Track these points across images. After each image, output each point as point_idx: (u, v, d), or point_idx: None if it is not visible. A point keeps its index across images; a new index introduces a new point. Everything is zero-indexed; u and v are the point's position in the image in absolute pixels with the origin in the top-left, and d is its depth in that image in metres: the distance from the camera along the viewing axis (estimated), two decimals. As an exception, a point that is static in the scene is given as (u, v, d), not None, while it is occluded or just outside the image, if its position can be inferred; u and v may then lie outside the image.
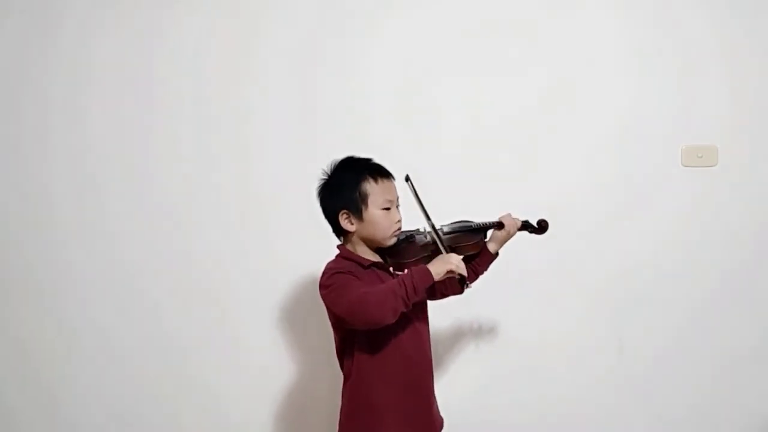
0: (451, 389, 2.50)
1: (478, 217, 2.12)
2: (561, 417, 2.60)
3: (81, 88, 2.67)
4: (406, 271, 1.93)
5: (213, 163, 2.64)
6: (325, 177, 2.01)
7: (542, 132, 2.58)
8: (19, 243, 2.71)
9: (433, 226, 1.95)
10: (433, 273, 1.83)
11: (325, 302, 1.93)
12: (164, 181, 2.65)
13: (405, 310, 1.82)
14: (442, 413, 2.09)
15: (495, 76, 2.57)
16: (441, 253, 1.93)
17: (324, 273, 1.95)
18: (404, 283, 1.80)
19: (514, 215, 2.13)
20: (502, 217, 2.11)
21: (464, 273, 1.86)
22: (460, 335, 2.60)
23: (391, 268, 2.01)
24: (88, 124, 2.67)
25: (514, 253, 2.18)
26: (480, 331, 2.60)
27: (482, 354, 2.60)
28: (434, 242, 1.95)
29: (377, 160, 2.01)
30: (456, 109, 2.58)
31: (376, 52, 2.59)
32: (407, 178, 1.96)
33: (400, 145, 2.34)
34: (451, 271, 1.85)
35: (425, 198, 1.96)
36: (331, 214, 1.99)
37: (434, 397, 2.07)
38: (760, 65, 2.52)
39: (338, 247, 2.02)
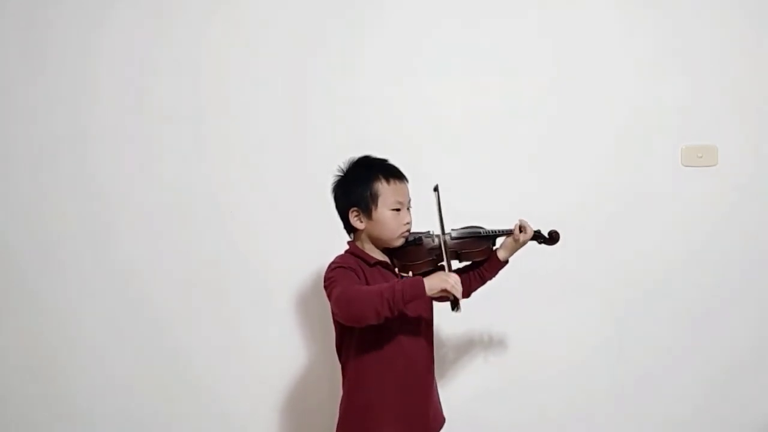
0: (454, 390, 2.50)
1: (487, 222, 2.12)
2: (563, 421, 2.59)
3: (79, 89, 2.65)
4: (410, 274, 1.95)
5: (214, 164, 2.62)
6: (340, 173, 2.03)
7: (541, 133, 2.57)
8: (20, 244, 2.69)
9: (444, 242, 1.96)
10: (426, 287, 1.79)
11: (326, 294, 1.93)
12: (165, 181, 2.63)
13: (390, 316, 1.80)
14: (446, 413, 2.10)
15: (495, 78, 2.57)
16: (443, 260, 1.94)
17: (328, 267, 1.96)
18: (394, 289, 1.78)
19: (527, 223, 2.10)
20: (516, 225, 2.09)
21: (458, 296, 1.80)
22: (463, 338, 2.59)
23: (396, 269, 2.01)
24: (87, 126, 2.65)
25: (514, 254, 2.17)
26: (483, 334, 2.59)
27: (486, 356, 2.59)
28: (440, 248, 1.95)
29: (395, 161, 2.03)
30: (456, 110, 2.58)
31: (375, 51, 2.59)
32: (435, 188, 1.98)
33: (399, 148, 2.32)
34: (445, 290, 1.80)
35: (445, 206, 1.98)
36: (342, 211, 2.01)
37: (435, 397, 2.07)
38: (760, 65, 2.53)
39: (348, 243, 2.04)
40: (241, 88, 2.61)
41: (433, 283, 1.80)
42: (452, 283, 1.80)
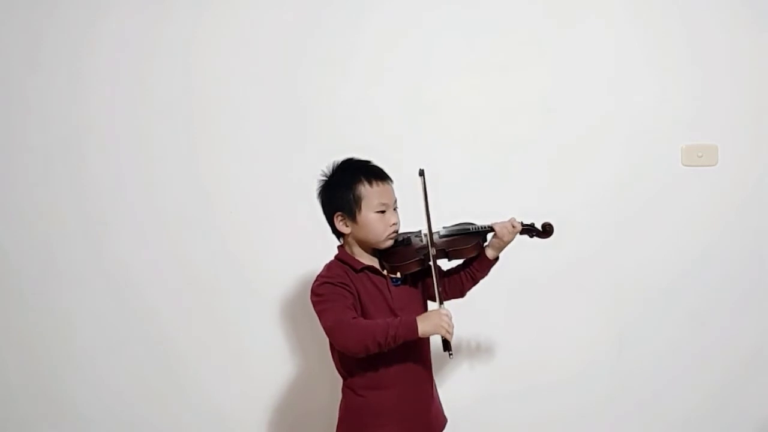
0: (452, 395, 2.49)
1: (478, 220, 2.10)
2: (563, 425, 2.59)
3: (72, 90, 2.64)
4: (398, 275, 1.97)
5: (207, 166, 2.62)
6: (324, 177, 2.01)
7: (540, 132, 2.56)
8: (13, 245, 2.69)
9: (429, 228, 1.95)
10: (420, 331, 1.84)
11: (314, 309, 1.95)
12: (159, 184, 2.63)
13: (377, 352, 1.85)
14: (447, 415, 2.10)
15: (494, 77, 2.56)
16: (430, 260, 1.94)
17: (316, 279, 1.97)
18: (387, 331, 1.82)
19: (517, 219, 2.06)
20: (495, 223, 2.05)
21: (450, 339, 1.87)
22: (460, 340, 2.57)
23: (385, 271, 2.00)
24: (79, 127, 2.65)
25: (513, 254, 2.15)
26: (480, 336, 2.59)
27: (484, 360, 2.59)
28: (428, 247, 1.95)
29: (376, 162, 2.01)
30: (455, 111, 2.57)
31: (371, 51, 2.57)
32: (421, 173, 1.96)
33: (396, 149, 2.32)
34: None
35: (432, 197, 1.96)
36: (328, 216, 2.00)
37: (435, 397, 2.07)
38: (760, 64, 2.52)
39: (338, 248, 2.04)
40: (232, 90, 2.59)
41: (427, 327, 1.85)
42: (446, 328, 1.85)
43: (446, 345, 1.88)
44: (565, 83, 2.56)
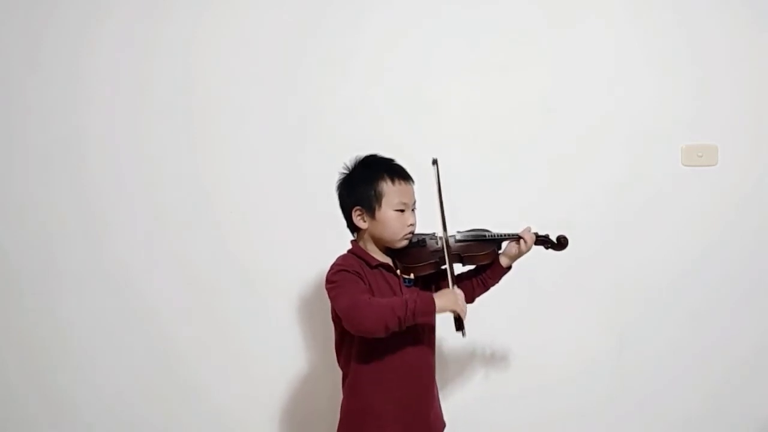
0: (454, 396, 2.50)
1: (479, 220, 2.11)
2: (563, 426, 2.59)
3: (72, 90, 2.64)
4: (411, 276, 1.96)
5: (210, 165, 2.61)
6: (346, 171, 2.01)
7: (541, 133, 2.56)
8: (13, 246, 2.68)
9: (443, 216, 1.96)
10: (437, 306, 1.85)
11: (328, 296, 1.94)
12: (161, 183, 2.63)
13: (397, 330, 1.83)
14: (446, 419, 2.09)
15: (493, 78, 2.56)
16: (445, 263, 1.94)
17: (331, 268, 1.96)
18: (407, 305, 1.82)
19: (533, 229, 2.08)
20: (522, 231, 2.06)
21: (463, 317, 1.86)
22: (464, 345, 2.55)
23: (398, 271, 2.00)
24: (80, 127, 2.64)
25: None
26: (484, 340, 2.59)
27: (486, 364, 2.59)
28: (443, 250, 1.95)
29: (399, 161, 2.02)
30: (455, 111, 2.57)
31: (374, 50, 2.57)
32: (434, 162, 1.97)
33: (396, 149, 2.31)
34: (454, 310, 1.87)
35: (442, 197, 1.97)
36: (345, 209, 2.00)
37: (436, 401, 2.06)
38: (760, 64, 2.53)
39: (351, 242, 2.03)
40: (232, 90, 2.59)
41: (444, 304, 1.85)
42: (461, 306, 1.86)
43: (459, 324, 1.86)
44: (565, 83, 2.56)
